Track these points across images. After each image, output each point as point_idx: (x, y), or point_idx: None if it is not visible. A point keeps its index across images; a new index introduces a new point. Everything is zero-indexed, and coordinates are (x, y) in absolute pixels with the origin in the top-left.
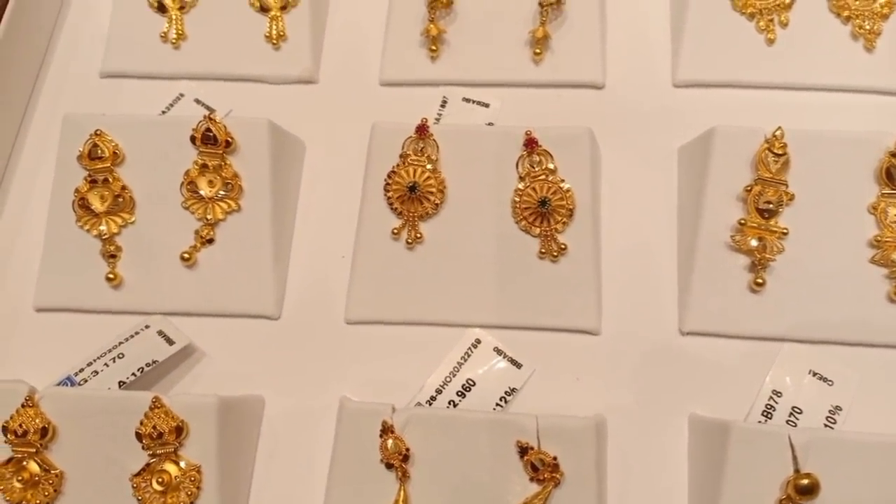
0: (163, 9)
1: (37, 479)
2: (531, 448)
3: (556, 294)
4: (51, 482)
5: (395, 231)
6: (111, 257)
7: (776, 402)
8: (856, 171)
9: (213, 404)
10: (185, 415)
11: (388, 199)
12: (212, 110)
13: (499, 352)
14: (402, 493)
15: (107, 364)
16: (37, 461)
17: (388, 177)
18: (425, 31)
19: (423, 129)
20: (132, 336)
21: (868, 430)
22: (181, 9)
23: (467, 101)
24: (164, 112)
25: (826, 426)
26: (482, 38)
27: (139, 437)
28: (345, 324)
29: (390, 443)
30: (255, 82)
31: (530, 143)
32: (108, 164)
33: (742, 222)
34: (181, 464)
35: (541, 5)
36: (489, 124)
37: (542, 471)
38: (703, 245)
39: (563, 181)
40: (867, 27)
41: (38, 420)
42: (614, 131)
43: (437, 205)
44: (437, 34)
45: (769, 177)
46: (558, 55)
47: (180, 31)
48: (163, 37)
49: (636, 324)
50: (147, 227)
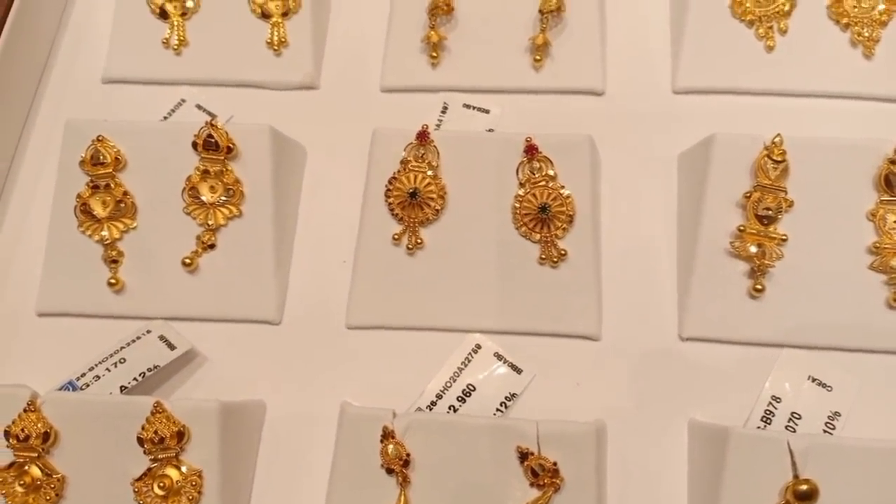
0: (165, 15)
1: (38, 483)
2: (531, 453)
3: (557, 300)
4: (52, 486)
5: (395, 237)
6: (113, 262)
7: (775, 408)
8: (854, 178)
9: (215, 409)
10: (187, 420)
11: (389, 204)
12: (213, 116)
13: (499, 357)
14: (402, 498)
15: (108, 369)
16: (39, 465)
17: (389, 183)
18: (426, 37)
19: (423, 136)
20: (134, 341)
21: (867, 436)
22: (183, 15)
23: (468, 107)
24: (165, 118)
25: (825, 432)
26: (483, 45)
27: (141, 441)
28: (346, 329)
29: (391, 448)
30: (256, 88)
31: (530, 150)
32: (110, 170)
33: (741, 228)
34: (182, 468)
35: (541, 12)
36: (489, 130)
37: (543, 476)
38: (702, 251)
39: (563, 187)
40: (866, 34)
41: (39, 424)
42: (614, 138)
43: (437, 211)
44: (438, 41)
45: (768, 183)
46: (558, 62)
47: (182, 38)
48: (165, 43)
49: (636, 329)
50: (149, 233)
